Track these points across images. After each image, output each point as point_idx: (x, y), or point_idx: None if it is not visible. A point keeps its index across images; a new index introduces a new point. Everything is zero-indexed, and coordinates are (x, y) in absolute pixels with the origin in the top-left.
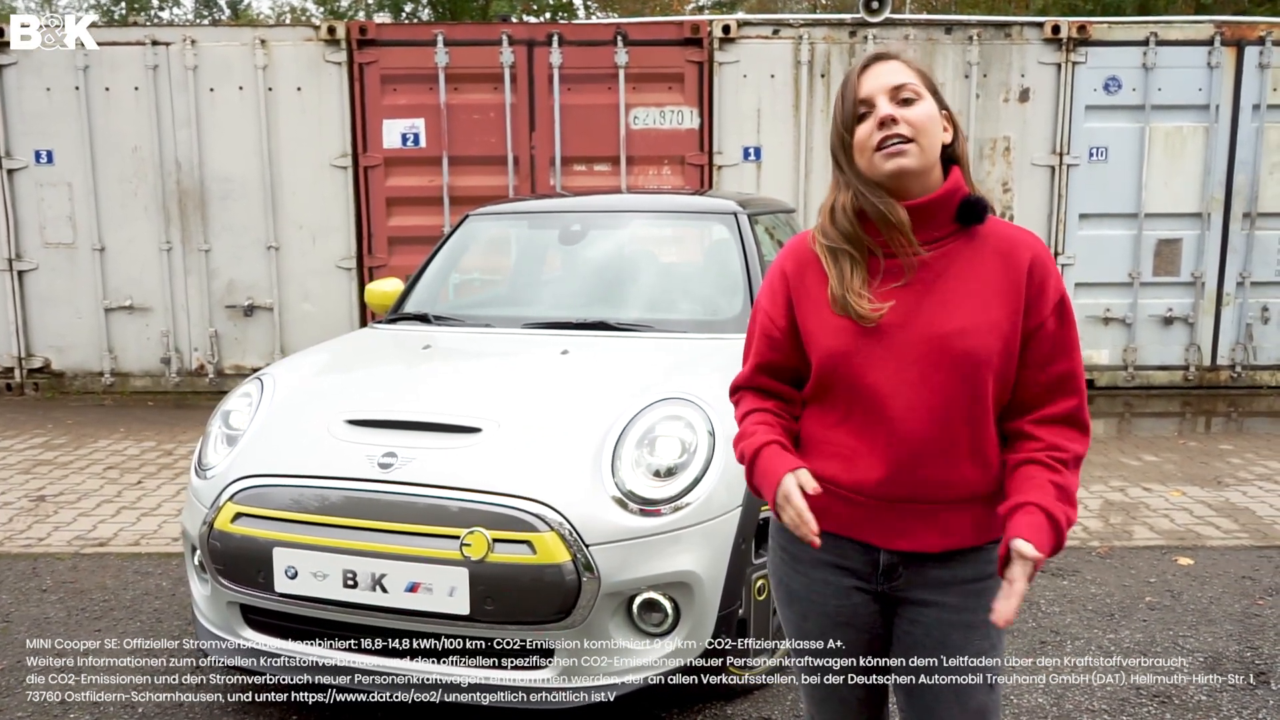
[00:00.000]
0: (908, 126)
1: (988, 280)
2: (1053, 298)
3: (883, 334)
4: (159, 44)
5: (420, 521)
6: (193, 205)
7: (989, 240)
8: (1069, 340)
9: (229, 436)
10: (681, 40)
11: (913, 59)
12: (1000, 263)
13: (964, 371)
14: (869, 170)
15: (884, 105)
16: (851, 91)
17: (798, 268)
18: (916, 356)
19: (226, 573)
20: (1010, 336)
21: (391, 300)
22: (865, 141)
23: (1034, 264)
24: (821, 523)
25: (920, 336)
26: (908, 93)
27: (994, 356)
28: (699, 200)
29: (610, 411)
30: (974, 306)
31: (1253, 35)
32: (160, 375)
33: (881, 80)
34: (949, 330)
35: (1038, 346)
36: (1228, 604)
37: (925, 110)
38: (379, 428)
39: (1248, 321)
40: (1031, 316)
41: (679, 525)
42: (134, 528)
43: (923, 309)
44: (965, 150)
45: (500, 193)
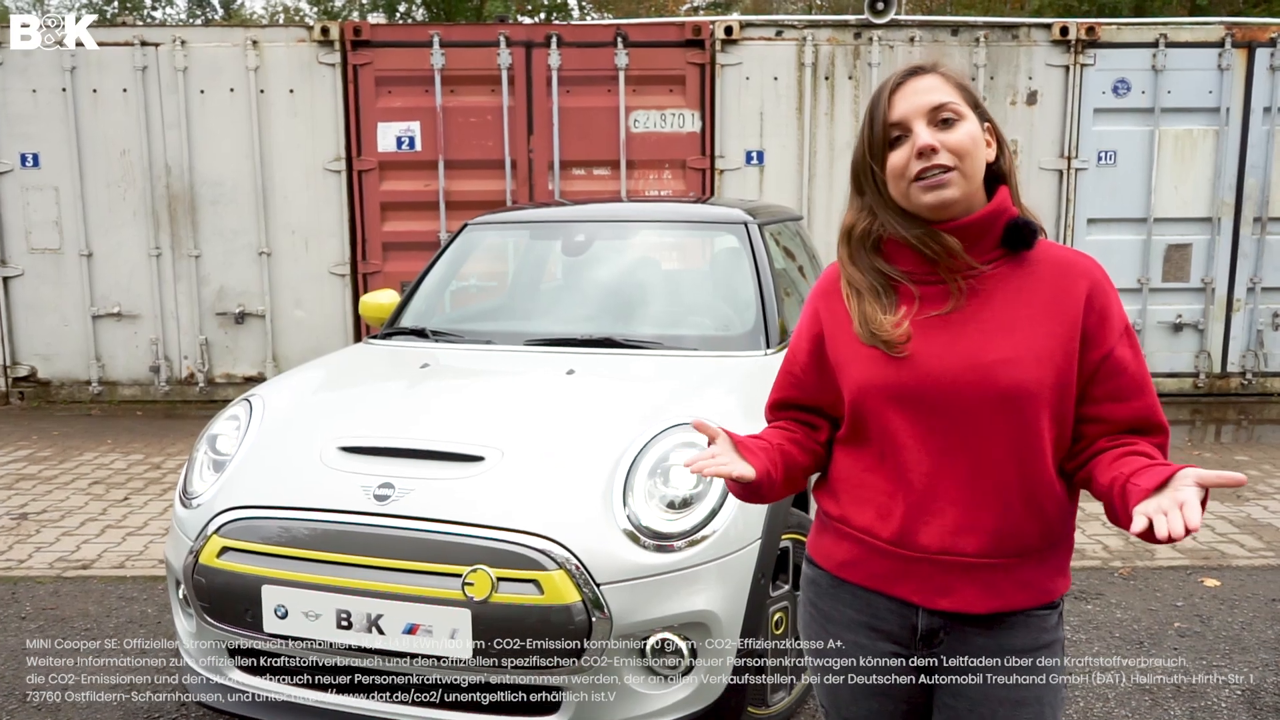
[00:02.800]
0: (949, 155)
1: (1038, 307)
2: (1118, 325)
3: (919, 366)
4: (148, 45)
5: (419, 558)
6: (183, 210)
7: (1040, 265)
8: (1145, 373)
9: (216, 462)
10: (683, 42)
11: (952, 70)
12: (1053, 289)
13: (1012, 407)
14: (904, 200)
15: (922, 132)
16: (883, 113)
17: (829, 299)
18: (957, 390)
19: (212, 611)
20: (1065, 369)
21: (387, 313)
22: (900, 170)
23: (1093, 291)
24: (853, 576)
25: (961, 368)
26: (947, 113)
27: (1046, 389)
28: (708, 209)
29: (620, 438)
30: (1022, 335)
31: (1264, 37)
32: (149, 384)
33: (918, 100)
34: (993, 360)
35: (1112, 380)
36: (1260, 630)
37: (968, 132)
38: (375, 455)
39: (1258, 328)
40: (1095, 347)
41: (695, 561)
42: (119, 548)
43: (964, 339)
44: (1012, 166)
45: (498, 198)
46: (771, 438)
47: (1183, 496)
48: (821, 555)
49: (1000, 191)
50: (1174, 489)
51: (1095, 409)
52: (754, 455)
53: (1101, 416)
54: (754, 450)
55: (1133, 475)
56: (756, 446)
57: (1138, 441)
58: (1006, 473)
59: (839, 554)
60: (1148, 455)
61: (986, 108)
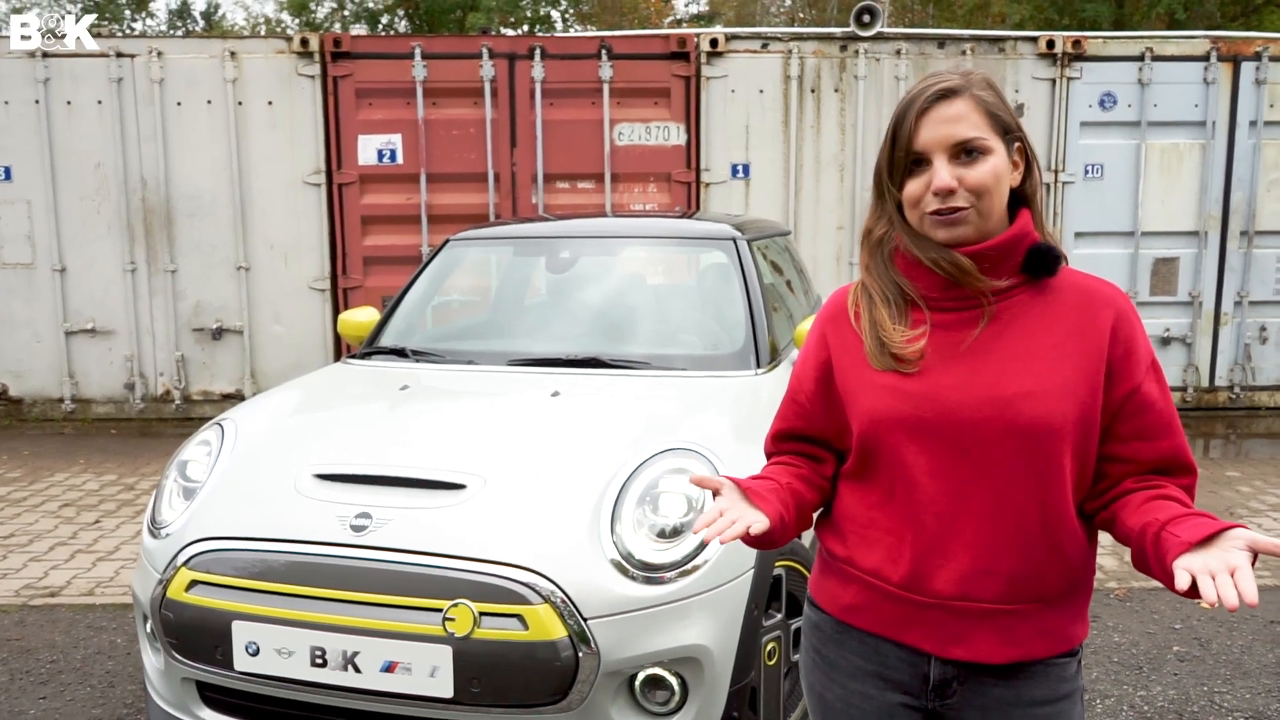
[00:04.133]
0: (966, 195)
1: (1061, 338)
2: (1145, 358)
3: (935, 397)
4: (123, 56)
5: (398, 592)
6: (158, 224)
7: (1062, 293)
8: (1171, 411)
9: (185, 490)
10: (668, 54)
11: (985, 93)
12: (1076, 319)
13: (1033, 442)
14: (918, 226)
15: (942, 170)
16: (905, 138)
17: (838, 324)
18: (975, 424)
19: (180, 647)
20: (1089, 404)
21: (366, 331)
22: (915, 200)
23: (1119, 321)
24: (860, 621)
25: (979, 400)
26: (973, 147)
27: (1069, 425)
28: (695, 225)
29: (608, 465)
30: (1044, 367)
31: (1249, 51)
32: (124, 401)
33: (943, 132)
34: (1014, 393)
35: (1138, 418)
36: (1260, 654)
37: (991, 169)
38: (351, 483)
39: (1246, 341)
40: (1120, 383)
41: (686, 593)
42: (88, 574)
43: (983, 369)
44: (1039, 189)
45: (480, 211)
46: (778, 476)
47: (1234, 561)
48: (825, 598)
49: (1022, 215)
50: (1222, 549)
51: (1120, 447)
52: (765, 500)
53: (1127, 456)
54: (764, 495)
55: (1169, 524)
56: (765, 490)
57: (1165, 484)
58: (1027, 513)
59: (845, 597)
60: (1179, 500)
61: (1021, 125)
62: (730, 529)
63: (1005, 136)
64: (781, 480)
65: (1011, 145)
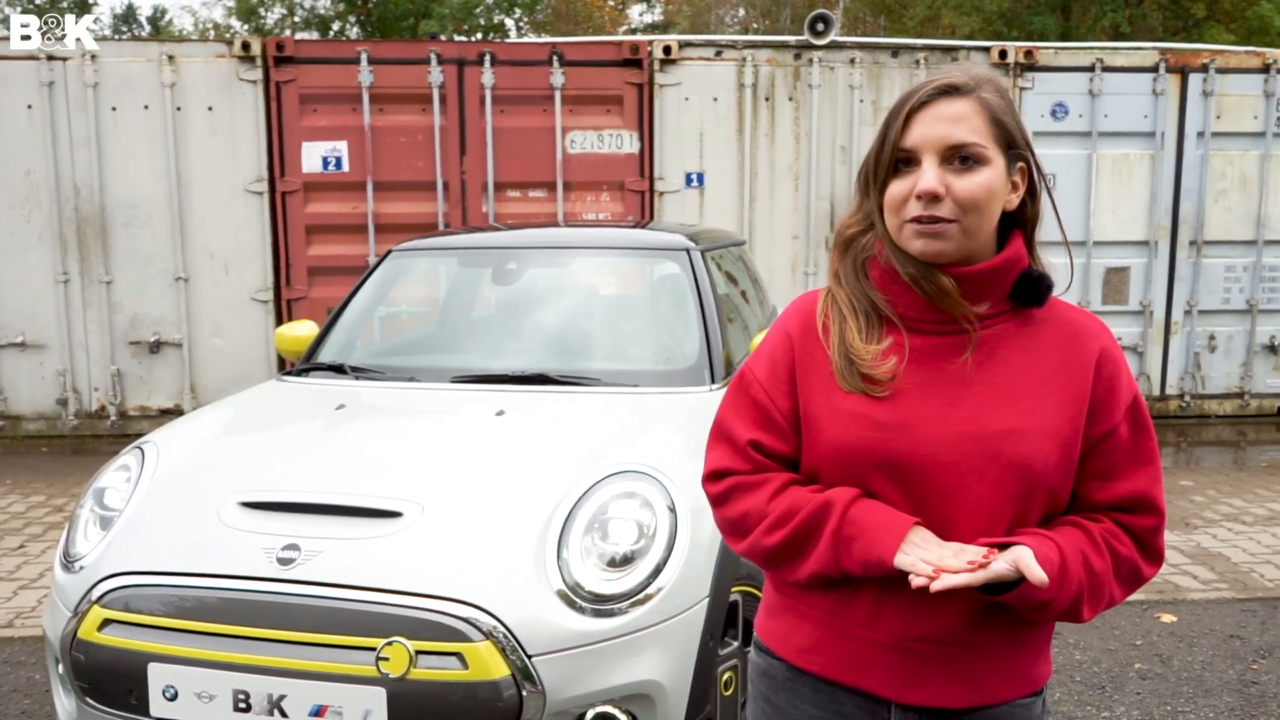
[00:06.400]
0: (953, 206)
1: (1045, 373)
2: (1125, 399)
3: (907, 429)
4: (55, 59)
5: (328, 630)
6: (92, 233)
7: (1047, 325)
8: (1146, 451)
9: (103, 519)
10: (620, 61)
11: (994, 97)
12: (1061, 353)
13: (1014, 485)
14: (895, 235)
15: (929, 172)
16: (895, 133)
17: (804, 335)
18: (953, 461)
19: (92, 691)
20: (1070, 445)
21: (305, 346)
22: (897, 204)
23: (1103, 357)
24: (813, 664)
25: (959, 436)
26: (967, 155)
27: (1050, 469)
28: (648, 235)
29: (554, 489)
30: (1028, 405)
31: (1196, 62)
32: (56, 418)
33: (937, 131)
34: (996, 430)
35: (1105, 458)
36: (1221, 670)
37: (984, 182)
38: (279, 512)
39: (1195, 350)
40: (1099, 422)
41: (638, 626)
42: (8, 604)
43: (963, 402)
44: (1039, 214)
45: (429, 220)
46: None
47: (969, 554)
48: (776, 640)
49: (1015, 239)
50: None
51: (1083, 487)
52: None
53: (1081, 493)
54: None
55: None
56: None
57: (1102, 519)
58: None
59: (797, 638)
60: (1080, 527)
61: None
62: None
63: (1009, 151)
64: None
65: (1014, 163)
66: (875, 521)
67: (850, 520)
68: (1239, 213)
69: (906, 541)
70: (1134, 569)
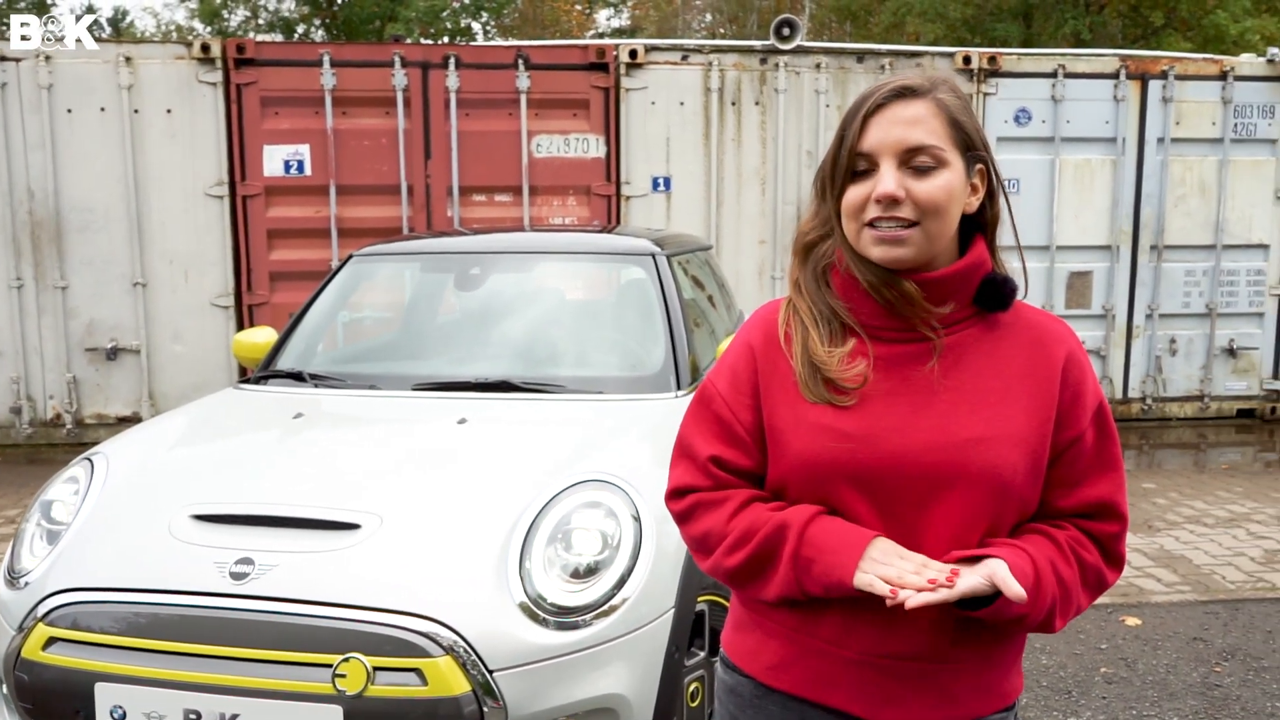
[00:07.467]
0: (913, 208)
1: (1012, 379)
2: (1091, 404)
3: (874, 440)
4: (7, 60)
5: (282, 647)
6: (47, 238)
7: (1013, 329)
8: (1110, 457)
9: (50, 533)
10: (586, 65)
11: (949, 98)
12: (1028, 359)
13: (984, 493)
14: (854, 241)
15: (888, 175)
16: (852, 137)
17: (766, 345)
18: (922, 471)
19: (37, 712)
20: (1038, 452)
21: (263, 353)
22: (855, 209)
23: (1069, 362)
24: (782, 681)
25: (926, 445)
26: (926, 158)
27: (1019, 476)
28: (614, 240)
29: (517, 499)
30: (995, 411)
31: (1155, 69)
32: (10, 427)
33: (894, 135)
34: (964, 439)
35: (1070, 465)
36: (1185, 672)
37: (943, 185)
38: (233, 525)
39: (1157, 354)
40: (1066, 428)
41: (603, 639)
42: None
43: (929, 410)
44: (998, 216)
45: (393, 224)
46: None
47: (934, 570)
48: (743, 657)
49: (977, 242)
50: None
51: (1049, 494)
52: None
53: (1051, 505)
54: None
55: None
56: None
57: (1065, 526)
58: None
59: (766, 655)
60: (1048, 536)
61: (987, 142)
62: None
63: (967, 154)
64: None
65: (973, 165)
66: (832, 542)
67: (807, 541)
68: (1198, 218)
69: (865, 558)
70: (1099, 576)
